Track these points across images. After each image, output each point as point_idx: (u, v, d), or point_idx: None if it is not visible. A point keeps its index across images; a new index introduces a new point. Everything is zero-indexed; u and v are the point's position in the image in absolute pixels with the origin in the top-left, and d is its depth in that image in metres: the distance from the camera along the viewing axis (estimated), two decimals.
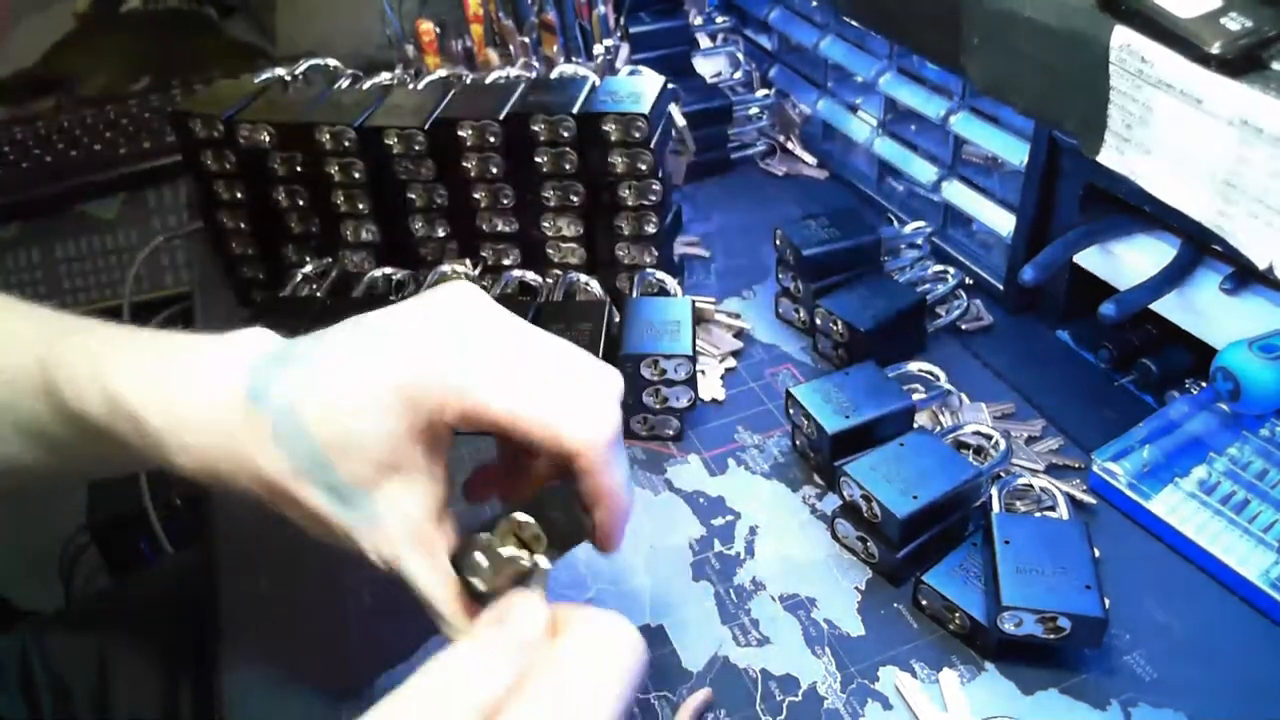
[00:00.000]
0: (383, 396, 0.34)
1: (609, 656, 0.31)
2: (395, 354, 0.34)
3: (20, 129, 1.05)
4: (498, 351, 0.35)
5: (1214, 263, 0.53)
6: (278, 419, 0.34)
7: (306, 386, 0.34)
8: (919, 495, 0.46)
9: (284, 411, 0.34)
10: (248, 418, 0.34)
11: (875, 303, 0.59)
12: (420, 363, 0.34)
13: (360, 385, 0.34)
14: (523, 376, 0.34)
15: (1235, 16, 0.44)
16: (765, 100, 0.85)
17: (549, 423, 0.34)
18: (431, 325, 0.35)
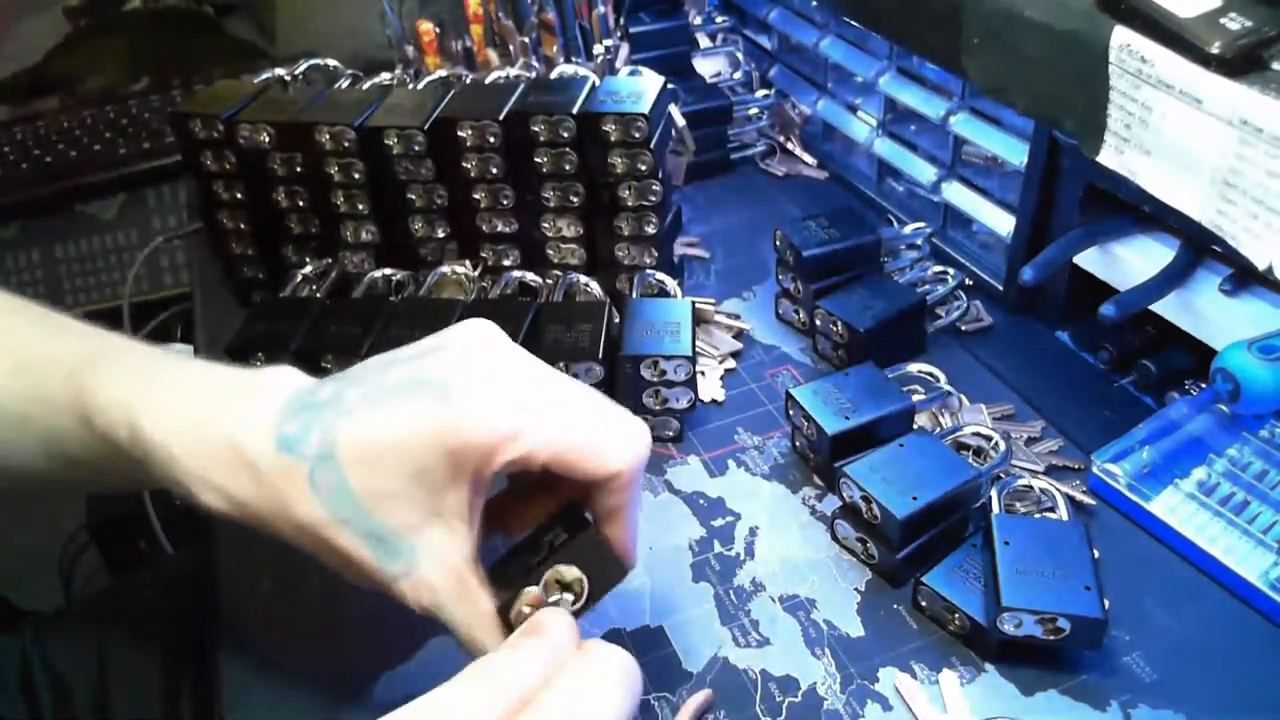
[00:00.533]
0: (426, 447, 0.34)
1: (623, 671, 0.32)
2: (435, 404, 0.34)
3: (20, 129, 1.05)
4: (536, 393, 0.36)
5: (1214, 263, 0.53)
6: (314, 466, 0.34)
7: (343, 433, 0.34)
8: (918, 496, 0.46)
9: (321, 459, 0.34)
10: (282, 465, 0.34)
11: (875, 304, 0.59)
12: (463, 413, 0.34)
13: (402, 435, 0.34)
14: (565, 414, 0.36)
15: (1235, 16, 0.44)
16: (765, 100, 0.85)
17: (596, 451, 0.35)
18: (468, 371, 0.35)
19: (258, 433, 0.35)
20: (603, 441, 0.36)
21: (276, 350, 0.56)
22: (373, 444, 0.34)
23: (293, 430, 0.34)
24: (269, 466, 0.34)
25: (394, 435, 0.34)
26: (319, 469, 0.34)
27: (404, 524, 0.34)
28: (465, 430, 0.34)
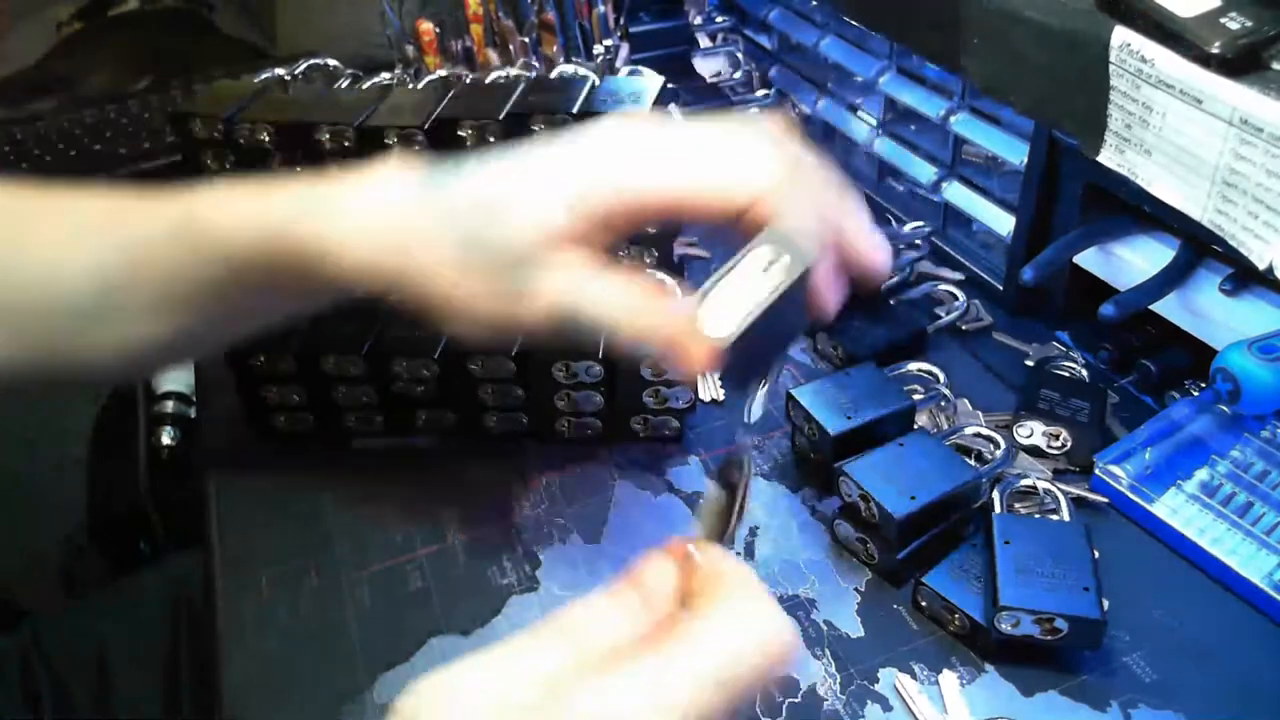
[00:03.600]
0: (550, 191, 0.36)
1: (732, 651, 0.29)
2: (565, 154, 0.36)
3: (20, 129, 1.05)
4: (658, 142, 0.37)
5: (1214, 263, 0.53)
6: (454, 202, 0.36)
7: (483, 176, 0.37)
8: (917, 496, 0.46)
9: (461, 196, 0.36)
10: (424, 206, 0.36)
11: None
12: (588, 165, 0.36)
13: (531, 178, 0.36)
14: (682, 158, 0.36)
15: (1235, 16, 0.44)
16: (765, 100, 0.85)
17: (712, 188, 0.36)
18: (599, 132, 0.37)
19: (402, 182, 0.37)
20: (722, 179, 0.36)
21: (276, 350, 0.56)
22: (504, 184, 0.36)
23: (438, 175, 0.37)
24: (414, 208, 0.37)
25: (525, 177, 0.36)
26: (458, 204, 0.36)
27: (531, 250, 0.35)
28: (588, 173, 0.36)
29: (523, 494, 0.55)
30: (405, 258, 0.37)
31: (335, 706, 0.45)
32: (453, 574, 0.51)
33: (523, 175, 0.36)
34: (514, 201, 0.36)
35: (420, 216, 0.37)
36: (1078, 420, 0.53)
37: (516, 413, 0.58)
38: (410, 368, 0.56)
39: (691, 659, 0.28)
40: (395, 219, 0.37)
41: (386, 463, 0.58)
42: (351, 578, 0.51)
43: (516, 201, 0.36)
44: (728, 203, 0.35)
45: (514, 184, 0.36)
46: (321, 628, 0.48)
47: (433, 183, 0.37)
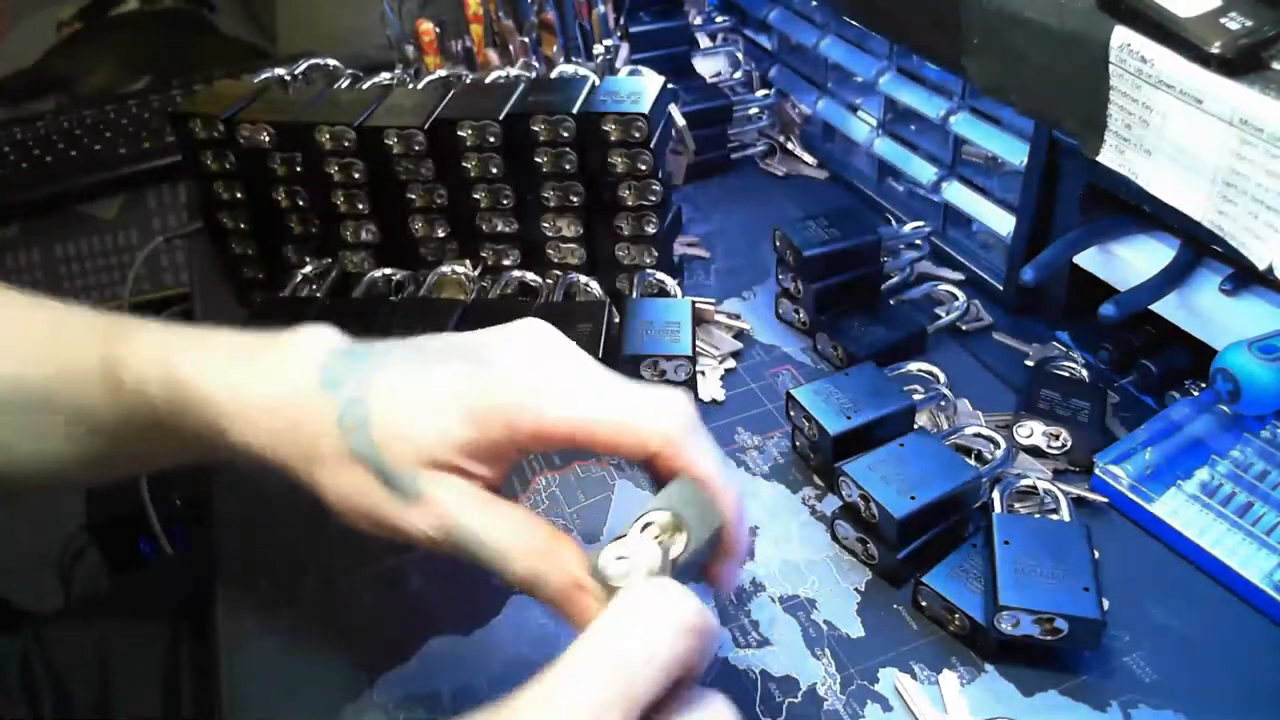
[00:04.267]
0: (450, 403, 0.35)
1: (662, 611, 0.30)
2: (467, 371, 0.36)
3: (20, 129, 1.05)
4: (569, 373, 0.36)
5: (1214, 263, 0.53)
6: (345, 406, 0.35)
7: (377, 381, 0.36)
8: (917, 496, 0.46)
9: (352, 401, 0.35)
10: (318, 403, 0.36)
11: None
12: (491, 385, 0.35)
13: (429, 388, 0.35)
14: (594, 391, 0.35)
15: (1235, 16, 0.44)
16: (765, 100, 0.85)
17: (623, 421, 0.34)
18: (509, 347, 0.37)
19: (301, 372, 0.37)
20: (631, 414, 0.35)
21: None
22: (398, 393, 0.35)
23: (335, 373, 0.36)
24: (310, 401, 0.36)
25: (420, 388, 0.35)
26: (349, 409, 0.35)
27: (416, 465, 0.35)
28: (490, 393, 0.35)
29: (523, 494, 0.55)
30: (294, 447, 0.36)
31: (335, 706, 0.45)
32: (453, 574, 0.51)
33: (425, 382, 0.36)
34: (412, 409, 0.35)
35: (316, 406, 0.36)
36: (1078, 420, 0.53)
37: None
38: None
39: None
40: (293, 405, 0.36)
41: None
42: (351, 578, 0.51)
43: (414, 409, 0.35)
44: (637, 441, 0.34)
45: (415, 390, 0.35)
46: (321, 628, 0.48)
47: (338, 370, 0.37)
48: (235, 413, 0.37)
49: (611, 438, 0.35)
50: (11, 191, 1.01)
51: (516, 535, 0.34)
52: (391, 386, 0.36)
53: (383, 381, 0.36)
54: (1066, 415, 0.53)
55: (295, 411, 0.36)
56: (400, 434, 0.35)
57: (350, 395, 0.36)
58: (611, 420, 0.35)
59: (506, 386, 0.35)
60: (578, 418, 0.34)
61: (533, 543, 0.34)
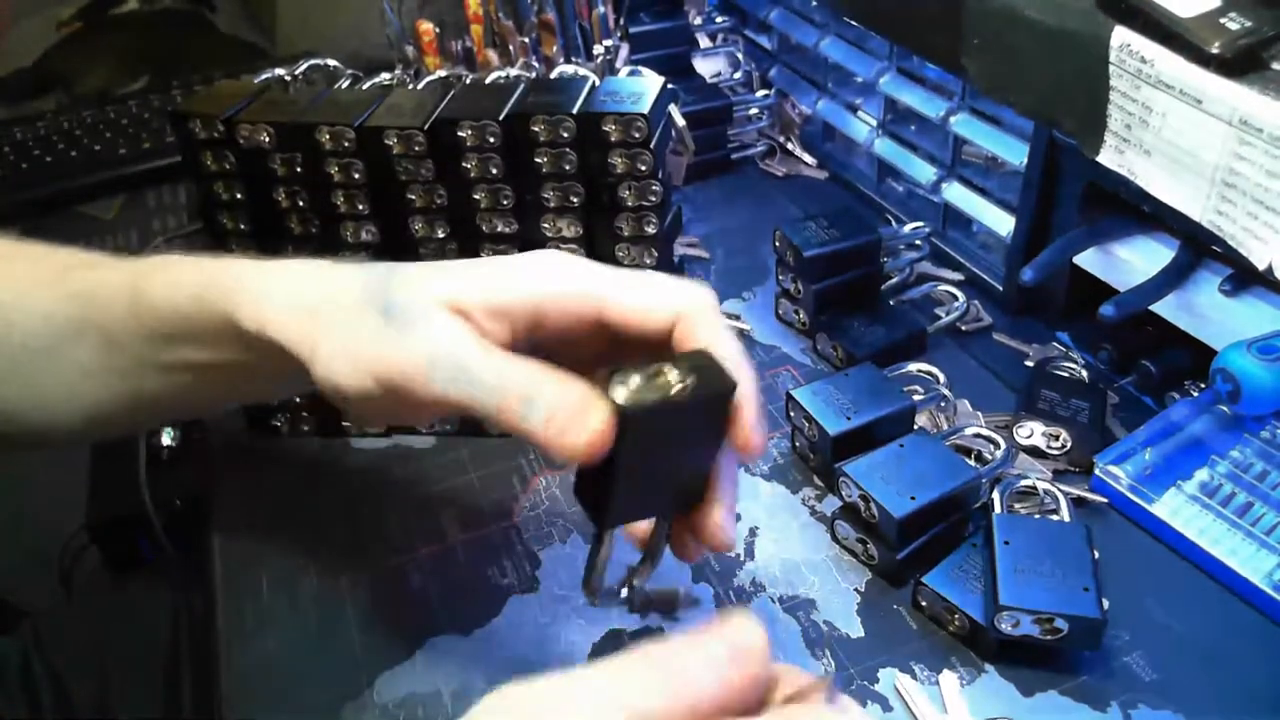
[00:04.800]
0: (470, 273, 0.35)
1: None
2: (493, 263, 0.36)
3: (19, 129, 1.05)
4: (589, 264, 0.36)
5: (1214, 264, 0.53)
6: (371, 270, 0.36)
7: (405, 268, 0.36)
8: (916, 496, 0.46)
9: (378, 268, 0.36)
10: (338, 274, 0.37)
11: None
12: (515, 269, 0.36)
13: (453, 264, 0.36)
14: (614, 272, 0.36)
15: (1235, 16, 0.44)
16: (765, 100, 0.85)
17: (644, 293, 0.35)
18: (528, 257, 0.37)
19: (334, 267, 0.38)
20: (655, 289, 0.35)
21: None
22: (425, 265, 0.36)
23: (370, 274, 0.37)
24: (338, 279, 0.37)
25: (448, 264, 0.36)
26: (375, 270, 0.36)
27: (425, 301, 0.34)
28: (515, 272, 0.35)
29: (523, 494, 0.55)
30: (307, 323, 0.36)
31: (335, 706, 0.45)
32: (453, 574, 0.51)
33: (438, 264, 0.37)
34: (438, 269, 0.36)
35: (335, 281, 0.37)
36: (1078, 420, 0.53)
37: None
38: None
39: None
40: (310, 282, 0.37)
41: (386, 463, 0.58)
42: (351, 578, 0.51)
43: (441, 270, 0.36)
44: (650, 313, 0.35)
45: (428, 268, 0.36)
46: (321, 628, 0.48)
47: (347, 266, 0.38)
48: (261, 294, 0.37)
49: (633, 310, 0.35)
50: (11, 191, 1.01)
51: (511, 363, 0.33)
52: (420, 264, 0.36)
53: (411, 264, 0.37)
54: (1066, 415, 0.53)
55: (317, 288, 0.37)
56: (419, 281, 0.35)
57: (379, 267, 0.36)
58: (633, 293, 0.35)
59: (529, 269, 0.36)
60: (595, 293, 0.35)
61: (527, 367, 0.33)
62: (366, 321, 0.34)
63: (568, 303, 0.35)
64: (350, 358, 0.35)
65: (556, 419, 0.31)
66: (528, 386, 0.32)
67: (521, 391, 0.32)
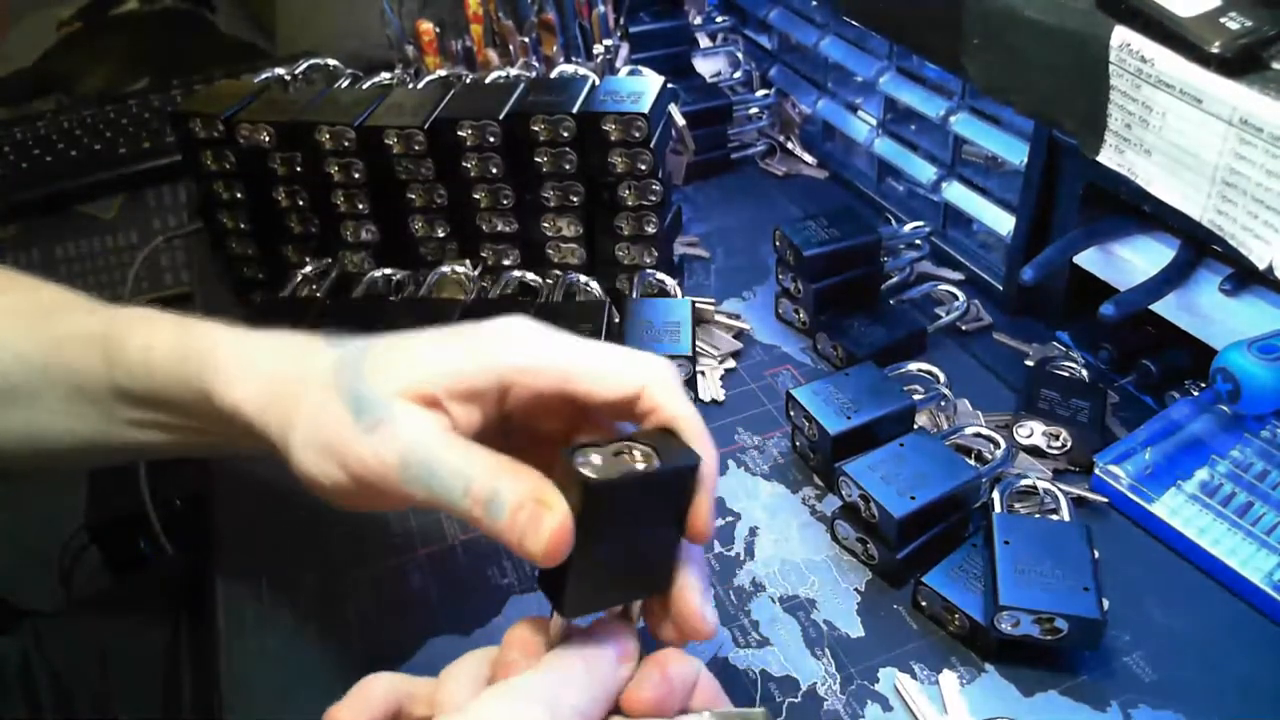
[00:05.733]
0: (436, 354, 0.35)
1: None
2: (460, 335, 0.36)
3: (20, 129, 1.05)
4: (552, 335, 0.37)
5: (1214, 263, 0.53)
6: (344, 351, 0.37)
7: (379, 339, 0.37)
8: (917, 496, 0.46)
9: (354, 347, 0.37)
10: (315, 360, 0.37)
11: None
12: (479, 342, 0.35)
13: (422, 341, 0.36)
14: (576, 344, 0.36)
15: (1235, 16, 0.44)
16: (765, 100, 0.85)
17: (605, 367, 0.35)
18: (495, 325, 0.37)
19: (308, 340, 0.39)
20: (616, 363, 0.35)
21: None
22: (396, 343, 0.36)
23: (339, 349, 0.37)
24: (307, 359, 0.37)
25: (418, 340, 0.36)
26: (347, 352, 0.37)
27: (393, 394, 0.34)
28: (478, 346, 0.35)
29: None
30: (281, 407, 0.36)
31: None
32: (453, 574, 0.51)
33: (421, 336, 0.36)
34: (405, 352, 0.36)
35: (312, 363, 0.37)
36: (1078, 420, 0.53)
37: None
38: None
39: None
40: (291, 362, 0.37)
41: None
42: (351, 578, 0.51)
43: (407, 353, 0.36)
44: (616, 386, 0.35)
45: (412, 341, 0.36)
46: (321, 628, 0.48)
47: (323, 341, 0.38)
48: (236, 372, 0.38)
49: (594, 383, 0.35)
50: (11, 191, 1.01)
51: (475, 461, 0.33)
52: (391, 340, 0.37)
53: (384, 339, 0.37)
54: (1066, 415, 0.53)
55: (291, 368, 0.37)
56: (386, 368, 0.35)
57: (352, 346, 0.37)
58: (593, 367, 0.35)
59: (494, 343, 0.35)
60: (561, 365, 0.35)
61: (489, 464, 0.33)
62: (336, 413, 0.34)
63: (534, 378, 0.35)
64: (322, 450, 0.35)
65: (518, 521, 0.32)
66: (489, 486, 0.32)
67: (484, 494, 0.32)
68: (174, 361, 0.39)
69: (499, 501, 0.32)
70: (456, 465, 0.33)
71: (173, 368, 0.39)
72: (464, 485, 0.32)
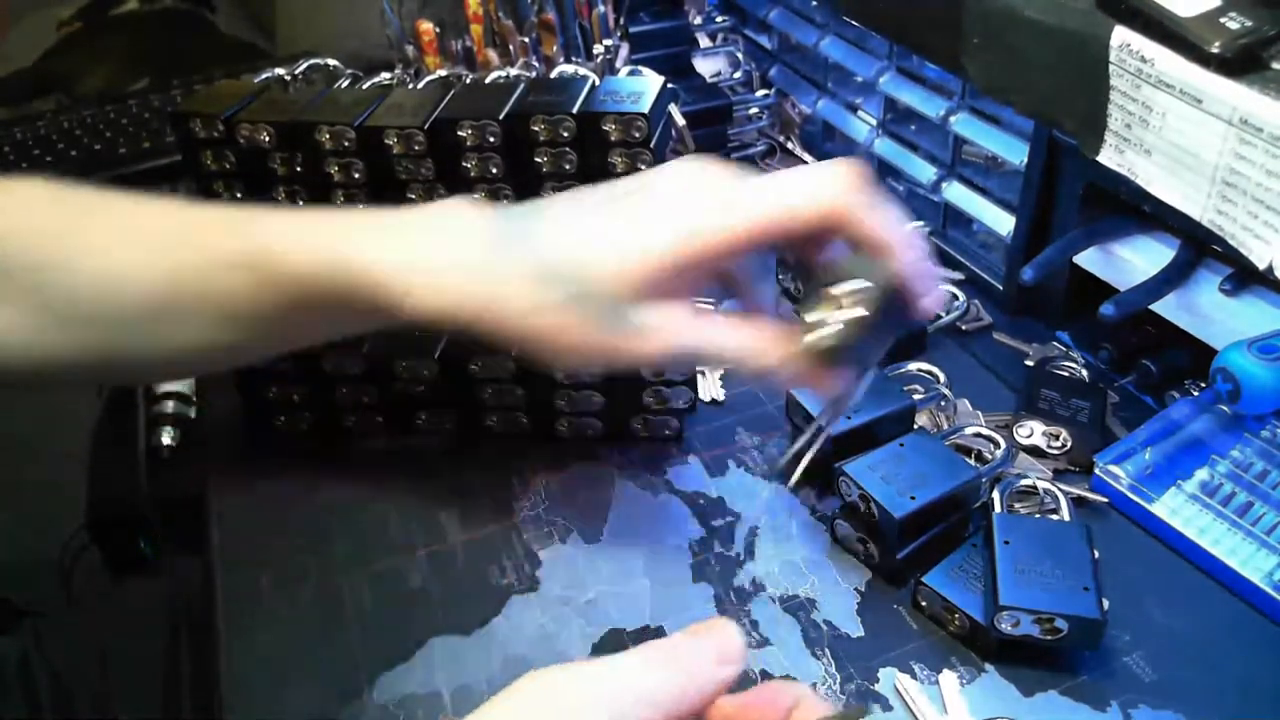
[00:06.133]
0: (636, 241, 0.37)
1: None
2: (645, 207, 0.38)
3: (20, 129, 1.05)
4: (737, 183, 0.38)
5: (1214, 263, 0.53)
6: (545, 266, 0.38)
7: (565, 231, 0.38)
8: (916, 496, 0.46)
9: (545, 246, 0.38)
10: (505, 254, 0.38)
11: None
12: (673, 212, 0.38)
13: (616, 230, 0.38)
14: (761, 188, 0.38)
15: (1235, 16, 0.44)
16: (765, 100, 0.85)
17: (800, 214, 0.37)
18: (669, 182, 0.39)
19: (472, 233, 0.39)
20: (808, 188, 0.37)
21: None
22: (591, 239, 0.38)
23: (514, 229, 0.39)
24: (489, 261, 0.38)
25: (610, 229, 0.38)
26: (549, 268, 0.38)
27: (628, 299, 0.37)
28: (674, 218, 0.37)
29: (523, 494, 0.55)
30: (488, 305, 0.38)
31: (335, 706, 0.45)
32: (453, 574, 0.51)
33: (607, 227, 0.38)
34: (604, 252, 0.37)
35: (503, 265, 0.38)
36: (1078, 420, 0.53)
37: (516, 413, 0.58)
38: (410, 368, 0.56)
39: None
40: (476, 266, 0.38)
41: (386, 463, 0.58)
42: (351, 578, 0.51)
43: (607, 252, 0.37)
44: (807, 213, 0.37)
45: (600, 235, 0.38)
46: (321, 628, 0.48)
47: (513, 231, 0.39)
48: (418, 282, 0.38)
49: (786, 223, 0.37)
50: None
51: (730, 337, 0.39)
52: (577, 231, 0.38)
53: (566, 226, 0.38)
54: (1066, 415, 0.53)
55: (481, 267, 0.38)
56: (607, 272, 0.37)
57: (541, 241, 0.38)
58: (780, 207, 0.37)
59: (686, 209, 0.37)
60: (757, 219, 0.37)
61: (745, 339, 0.39)
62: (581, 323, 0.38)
63: (733, 237, 0.37)
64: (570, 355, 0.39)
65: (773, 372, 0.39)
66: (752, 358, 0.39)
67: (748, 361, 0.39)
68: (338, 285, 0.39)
69: (757, 363, 0.39)
70: (717, 349, 0.39)
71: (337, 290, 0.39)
72: (723, 360, 0.39)
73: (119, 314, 0.41)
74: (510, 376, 0.56)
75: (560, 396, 0.56)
